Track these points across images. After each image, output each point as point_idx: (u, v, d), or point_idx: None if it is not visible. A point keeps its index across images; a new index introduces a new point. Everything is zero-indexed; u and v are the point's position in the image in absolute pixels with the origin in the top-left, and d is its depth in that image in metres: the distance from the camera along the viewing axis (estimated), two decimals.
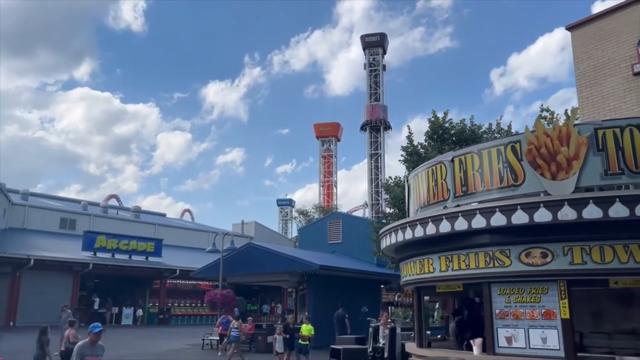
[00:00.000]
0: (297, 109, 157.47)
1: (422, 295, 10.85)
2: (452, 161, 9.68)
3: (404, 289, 11.49)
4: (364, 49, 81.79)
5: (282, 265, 21.76)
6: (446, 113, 19.98)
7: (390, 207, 20.95)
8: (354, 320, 20.73)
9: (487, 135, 20.15)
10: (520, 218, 8.05)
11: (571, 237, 7.94)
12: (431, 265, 9.80)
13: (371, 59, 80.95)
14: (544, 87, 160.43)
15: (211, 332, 22.27)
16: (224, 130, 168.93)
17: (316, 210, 52.35)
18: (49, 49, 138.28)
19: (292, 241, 48.34)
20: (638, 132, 7.98)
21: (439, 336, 11.94)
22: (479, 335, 9.12)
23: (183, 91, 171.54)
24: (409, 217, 11.14)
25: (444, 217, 9.04)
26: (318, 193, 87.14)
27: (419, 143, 19.92)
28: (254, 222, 51.70)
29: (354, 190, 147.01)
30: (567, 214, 7.70)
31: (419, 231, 9.55)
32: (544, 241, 8.15)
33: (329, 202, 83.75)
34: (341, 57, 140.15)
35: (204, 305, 31.06)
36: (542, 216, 7.86)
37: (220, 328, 20.58)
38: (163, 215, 56.73)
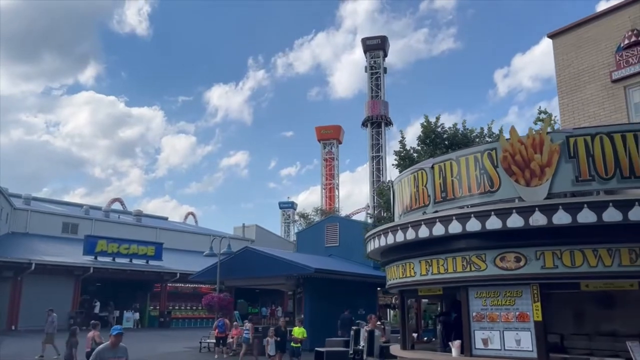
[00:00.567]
0: (301, 112, 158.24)
1: (405, 298, 11.12)
2: (432, 168, 9.95)
3: (390, 292, 11.73)
4: (365, 52, 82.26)
5: (278, 269, 22.04)
6: (438, 118, 20.27)
7: (384, 211, 21.22)
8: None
9: (479, 139, 20.39)
10: (494, 224, 8.30)
11: (543, 242, 8.20)
12: (412, 269, 10.07)
13: (372, 61, 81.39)
14: (548, 87, 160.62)
15: (209, 335, 22.57)
16: (228, 133, 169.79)
17: (316, 213, 52.68)
18: (54, 53, 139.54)
19: (293, 244, 48.56)
20: (608, 140, 8.23)
21: (425, 339, 12.17)
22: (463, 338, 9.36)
23: (187, 94, 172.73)
24: (394, 221, 11.41)
25: (423, 222, 9.31)
26: (320, 196, 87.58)
27: (412, 147, 20.18)
28: (255, 226, 52.04)
29: (358, 192, 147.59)
30: (538, 219, 7.95)
31: (400, 236, 9.82)
32: (517, 246, 8.40)
33: (331, 204, 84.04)
34: (345, 60, 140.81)
35: (203, 308, 31.32)
36: (515, 222, 8.12)
37: (216, 331, 20.86)
38: (165, 218, 57.17)
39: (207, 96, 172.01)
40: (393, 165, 20.61)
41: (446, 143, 20.18)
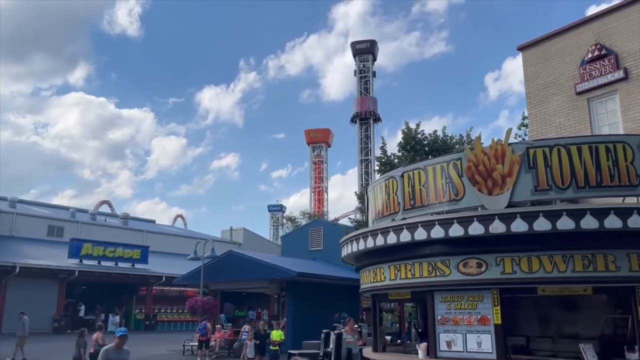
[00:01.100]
0: (292, 114, 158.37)
1: (377, 302, 11.47)
2: (402, 176, 10.31)
3: (363, 295, 12.10)
4: (354, 55, 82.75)
5: (261, 273, 22.30)
6: (418, 124, 20.69)
7: (364, 215, 21.61)
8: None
9: (459, 146, 20.85)
10: (456, 231, 8.68)
11: (502, 248, 8.60)
12: (382, 274, 10.43)
13: (361, 65, 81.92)
14: None
15: (192, 338, 22.75)
16: (219, 135, 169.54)
17: (303, 217, 53.00)
18: (44, 53, 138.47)
19: (281, 247, 48.80)
20: (565, 151, 8.65)
21: (399, 341, 12.50)
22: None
23: (178, 96, 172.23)
24: (367, 227, 11.76)
25: (391, 229, 9.67)
26: (309, 199, 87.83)
27: (392, 154, 20.58)
28: (242, 229, 52.20)
29: (349, 195, 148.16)
30: (497, 227, 8.35)
31: (370, 242, 10.18)
32: (479, 252, 8.80)
33: (319, 207, 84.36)
34: (336, 62, 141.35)
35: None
36: (476, 229, 8.50)
37: (198, 334, 21.08)
38: (152, 221, 57.14)
39: (198, 98, 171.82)
40: (375, 171, 20.98)
41: (426, 149, 20.61)
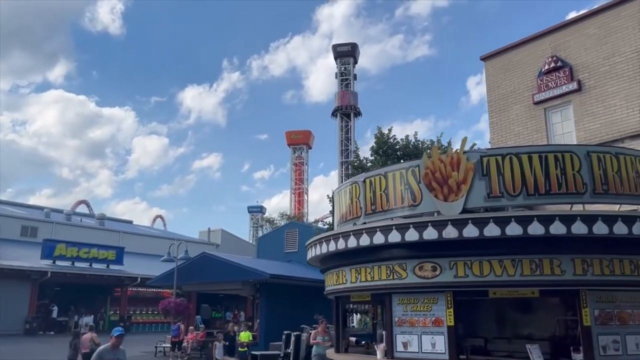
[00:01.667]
0: (275, 115, 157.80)
1: (340, 304, 11.75)
2: (364, 182, 10.60)
3: (327, 297, 12.37)
4: (335, 58, 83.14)
5: (234, 275, 22.39)
6: (390, 129, 21.07)
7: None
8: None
9: (430, 151, 21.27)
10: (412, 236, 9.01)
11: (455, 253, 8.96)
12: (344, 276, 10.72)
13: (342, 68, 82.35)
14: None
15: (164, 340, 22.79)
16: (201, 135, 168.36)
17: (282, 218, 53.10)
18: (23, 50, 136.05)
19: (256, 249, 48.86)
20: (516, 160, 9.03)
21: (363, 342, 12.80)
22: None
23: (160, 95, 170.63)
24: (333, 230, 12.04)
25: (352, 233, 9.96)
26: (289, 200, 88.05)
27: (365, 158, 20.93)
28: (220, 230, 52.12)
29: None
30: (450, 232, 8.69)
31: (332, 245, 10.46)
32: (433, 256, 9.14)
33: (300, 209, 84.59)
34: (320, 63, 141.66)
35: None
36: (430, 234, 8.84)
37: (171, 336, 21.15)
38: (130, 222, 56.70)
39: (181, 97, 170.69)
40: (348, 174, 21.29)
41: (398, 154, 20.99)
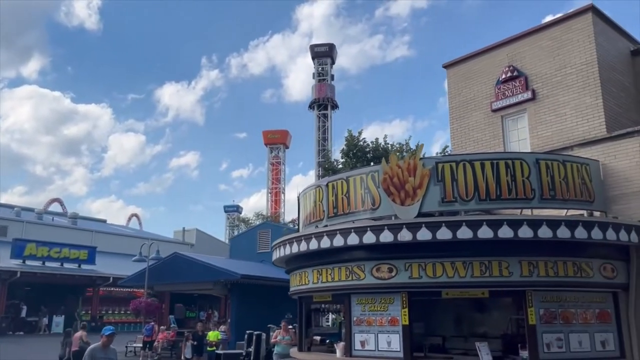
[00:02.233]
0: (254, 113, 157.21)
1: (303, 304, 12.07)
2: (327, 185, 10.93)
3: (292, 298, 12.67)
4: (313, 58, 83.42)
5: (206, 275, 22.59)
6: (360, 132, 21.48)
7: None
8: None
9: (399, 153, 21.76)
10: (369, 238, 9.36)
11: (410, 255, 9.35)
12: (307, 277, 11.04)
13: (320, 68, 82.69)
14: None
15: (135, 340, 22.81)
16: (179, 132, 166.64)
17: (257, 218, 53.19)
18: None
19: (229, 249, 48.88)
20: (469, 167, 9.45)
21: (328, 341, 13.13)
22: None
23: (138, 92, 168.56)
24: (298, 232, 12.34)
25: (313, 236, 10.28)
26: (266, 200, 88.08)
27: (335, 160, 21.29)
28: (195, 230, 51.97)
29: None
30: (405, 235, 9.07)
31: (295, 247, 10.76)
32: (390, 258, 9.51)
33: (276, 209, 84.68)
34: (300, 62, 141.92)
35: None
36: (386, 237, 9.20)
37: (144, 335, 21.20)
38: (103, 221, 56.15)
39: (158, 94, 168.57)
40: (318, 176, 21.63)
41: (368, 156, 21.41)
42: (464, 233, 8.77)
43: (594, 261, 9.33)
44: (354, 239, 9.52)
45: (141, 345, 21.40)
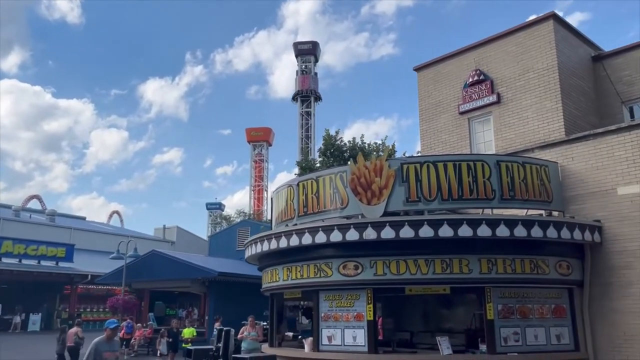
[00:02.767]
0: (239, 110, 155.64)
1: (274, 300, 12.35)
2: (298, 185, 11.21)
3: (264, 294, 12.93)
4: (296, 56, 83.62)
5: (183, 272, 22.73)
6: (337, 132, 21.79)
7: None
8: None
9: (375, 152, 22.13)
10: (336, 237, 9.67)
11: (375, 252, 9.68)
12: (277, 274, 11.32)
13: (303, 66, 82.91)
14: None
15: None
16: (162, 129, 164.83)
17: (239, 216, 53.22)
18: None
19: (208, 247, 48.82)
20: (433, 168, 9.81)
21: (300, 337, 13.43)
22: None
23: (120, 87, 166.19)
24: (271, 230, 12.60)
25: (283, 234, 10.56)
26: (249, 197, 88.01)
27: (312, 158, 21.57)
28: (175, 227, 51.78)
29: None
30: (370, 234, 9.40)
31: (266, 245, 11.04)
32: (356, 256, 9.84)
33: (259, 206, 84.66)
34: (285, 59, 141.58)
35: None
36: (352, 235, 9.52)
37: (123, 332, 21.25)
38: (82, 218, 55.64)
39: (142, 90, 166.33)
40: (296, 174, 21.89)
41: (345, 156, 21.73)
42: (426, 232, 9.12)
43: (550, 259, 9.77)
44: (321, 237, 9.82)
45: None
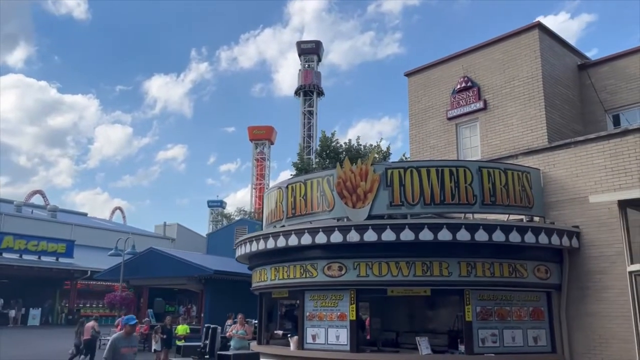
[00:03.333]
0: (243, 108, 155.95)
1: (263, 299, 12.67)
2: (287, 187, 11.51)
3: (254, 293, 13.24)
4: (299, 55, 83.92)
5: (180, 270, 23.07)
6: (333, 133, 22.09)
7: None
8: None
9: (370, 154, 22.42)
10: (321, 238, 9.98)
11: (359, 254, 9.99)
12: (265, 274, 11.64)
13: (306, 65, 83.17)
14: None
15: (109, 332, 23.20)
16: (166, 125, 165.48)
17: (238, 214, 53.55)
18: None
19: (206, 245, 49.18)
20: (416, 173, 10.09)
21: (289, 335, 13.73)
22: None
23: (126, 83, 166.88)
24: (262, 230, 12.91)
25: (271, 235, 10.87)
26: (250, 195, 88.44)
27: (308, 158, 21.88)
28: (176, 224, 52.22)
29: None
30: (353, 237, 9.70)
31: (255, 246, 11.35)
32: (340, 257, 10.14)
33: (260, 204, 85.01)
34: (290, 57, 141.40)
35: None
36: (336, 238, 9.83)
37: (118, 328, 21.61)
38: (84, 214, 56.16)
39: (146, 86, 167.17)
40: (292, 175, 22.20)
41: (341, 157, 22.04)
42: (407, 235, 9.42)
43: (528, 263, 10.04)
44: (307, 239, 10.13)
45: None
